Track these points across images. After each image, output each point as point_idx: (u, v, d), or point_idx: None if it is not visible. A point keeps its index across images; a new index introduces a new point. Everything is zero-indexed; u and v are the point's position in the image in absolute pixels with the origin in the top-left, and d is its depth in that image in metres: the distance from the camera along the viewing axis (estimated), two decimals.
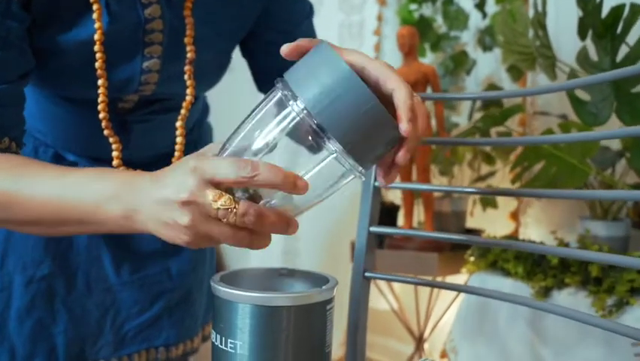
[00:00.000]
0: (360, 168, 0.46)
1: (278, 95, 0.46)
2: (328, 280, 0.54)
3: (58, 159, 0.71)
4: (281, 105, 0.46)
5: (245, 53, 0.78)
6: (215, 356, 0.51)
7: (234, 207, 0.44)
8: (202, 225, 0.45)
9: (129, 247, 0.75)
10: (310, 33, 0.77)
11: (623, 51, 0.94)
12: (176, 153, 0.69)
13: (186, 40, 0.64)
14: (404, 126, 0.42)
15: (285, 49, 0.47)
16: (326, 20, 2.42)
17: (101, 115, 0.63)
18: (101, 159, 0.73)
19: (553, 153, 1.00)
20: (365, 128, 0.43)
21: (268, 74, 0.76)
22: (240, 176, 0.42)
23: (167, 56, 0.65)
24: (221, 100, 1.14)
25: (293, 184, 0.43)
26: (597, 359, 0.98)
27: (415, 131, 0.43)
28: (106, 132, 0.65)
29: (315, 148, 0.45)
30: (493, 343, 1.13)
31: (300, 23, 0.76)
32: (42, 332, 0.67)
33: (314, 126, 0.43)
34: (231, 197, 0.44)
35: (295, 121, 0.45)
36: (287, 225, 0.46)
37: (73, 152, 0.72)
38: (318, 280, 0.56)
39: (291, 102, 0.44)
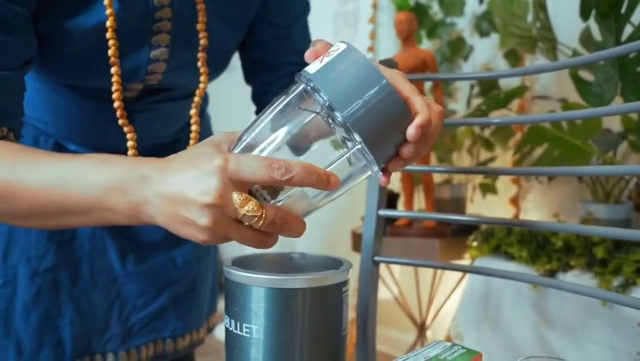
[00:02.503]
0: (377, 166, 0.45)
1: (300, 87, 0.44)
2: (342, 263, 0.53)
3: (60, 149, 0.69)
4: (304, 99, 0.44)
5: (239, 45, 0.78)
6: (230, 342, 0.50)
7: (262, 215, 0.41)
8: (223, 228, 0.42)
9: (133, 238, 0.74)
10: (305, 30, 0.77)
11: (627, 31, 0.93)
12: (191, 142, 0.68)
13: (199, 26, 0.63)
14: (414, 127, 0.42)
15: (308, 54, 0.46)
16: (321, 9, 2.40)
17: (116, 104, 0.61)
18: (105, 149, 0.71)
19: (556, 134, 1.00)
20: (385, 123, 0.42)
21: (260, 66, 0.76)
22: (274, 178, 0.40)
23: (175, 44, 0.63)
24: (217, 97, 1.13)
25: (327, 182, 0.41)
26: (603, 341, 0.98)
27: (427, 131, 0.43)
28: (121, 122, 0.63)
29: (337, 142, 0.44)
30: (499, 328, 1.13)
31: (297, 20, 0.76)
32: (48, 325, 0.66)
33: (340, 119, 0.42)
34: (258, 202, 0.41)
35: (320, 114, 0.43)
36: (303, 228, 0.45)
37: (76, 142, 0.70)
38: (330, 263, 0.55)
39: (317, 96, 0.43)
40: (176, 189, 0.42)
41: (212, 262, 0.85)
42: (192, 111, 0.67)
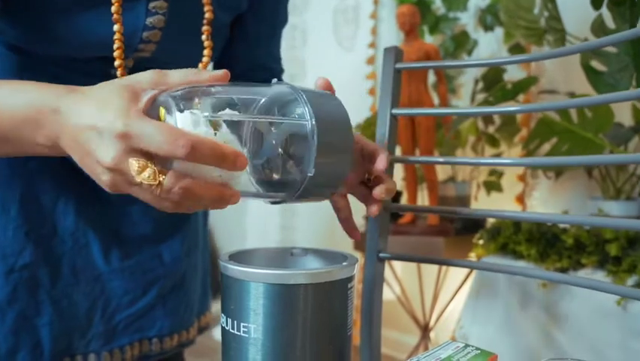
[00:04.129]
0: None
1: (287, 90, 0.46)
2: (346, 258, 0.49)
3: None
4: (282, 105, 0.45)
5: None
6: (227, 342, 0.46)
7: (159, 183, 0.40)
8: (124, 189, 0.42)
9: (118, 232, 0.70)
10: (279, 41, 0.79)
11: None
12: None
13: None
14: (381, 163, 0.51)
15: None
16: (320, 6, 2.37)
17: (117, 62, 0.58)
18: None
19: (566, 127, 0.96)
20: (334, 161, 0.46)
21: (236, 62, 0.73)
22: (176, 155, 0.39)
23: (172, 13, 0.60)
24: None
25: (233, 162, 0.41)
26: (615, 342, 0.94)
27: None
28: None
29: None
30: (506, 329, 1.09)
31: (281, 26, 0.77)
32: (25, 325, 0.62)
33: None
34: (156, 170, 0.40)
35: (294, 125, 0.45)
36: (219, 198, 0.42)
37: None
38: (335, 258, 0.51)
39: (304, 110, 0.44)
40: (79, 136, 0.42)
41: (202, 257, 0.81)
42: None
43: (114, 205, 0.69)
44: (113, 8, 0.56)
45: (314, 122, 0.44)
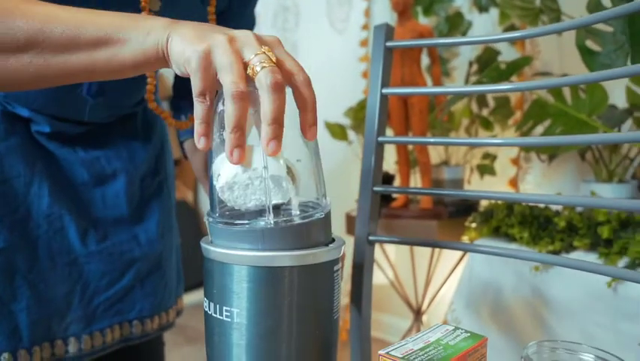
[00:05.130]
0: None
1: None
2: (334, 240, 0.48)
3: (7, 116, 0.63)
4: None
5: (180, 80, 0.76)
6: (210, 327, 0.44)
7: (272, 62, 0.41)
8: (238, 43, 0.41)
9: (93, 216, 0.69)
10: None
11: None
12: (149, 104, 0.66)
13: None
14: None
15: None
16: None
17: None
18: (66, 119, 0.66)
19: (560, 109, 0.94)
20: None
21: None
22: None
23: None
24: None
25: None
26: (606, 324, 0.94)
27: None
28: None
29: None
30: (498, 312, 1.09)
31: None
32: (2, 311, 0.60)
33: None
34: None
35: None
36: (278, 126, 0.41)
37: (30, 106, 0.64)
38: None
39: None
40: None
41: (175, 240, 0.81)
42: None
43: (88, 188, 0.68)
44: None
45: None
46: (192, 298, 2.72)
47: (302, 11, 2.37)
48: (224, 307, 0.42)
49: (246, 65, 0.41)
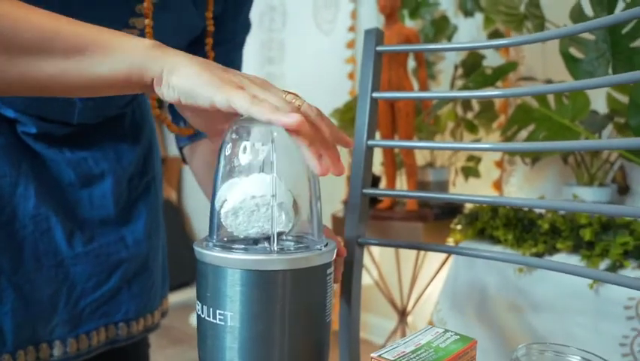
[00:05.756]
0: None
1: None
2: (326, 243, 0.48)
3: None
4: None
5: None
6: (202, 330, 0.44)
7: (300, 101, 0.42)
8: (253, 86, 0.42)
9: (80, 217, 0.68)
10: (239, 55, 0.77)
11: (620, 7, 0.90)
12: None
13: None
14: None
15: None
16: None
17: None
18: (53, 120, 0.65)
19: (544, 114, 0.96)
20: None
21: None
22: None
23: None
24: None
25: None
26: (589, 325, 0.96)
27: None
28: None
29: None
30: (483, 313, 1.11)
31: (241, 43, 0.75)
32: None
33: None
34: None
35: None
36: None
37: (16, 108, 0.63)
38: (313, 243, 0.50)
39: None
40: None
41: (162, 240, 0.81)
42: None
43: (75, 189, 0.68)
44: None
45: None
46: (176, 298, 2.71)
47: (289, 11, 2.37)
48: (218, 311, 0.42)
49: None
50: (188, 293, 2.76)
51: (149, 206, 0.76)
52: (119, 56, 0.41)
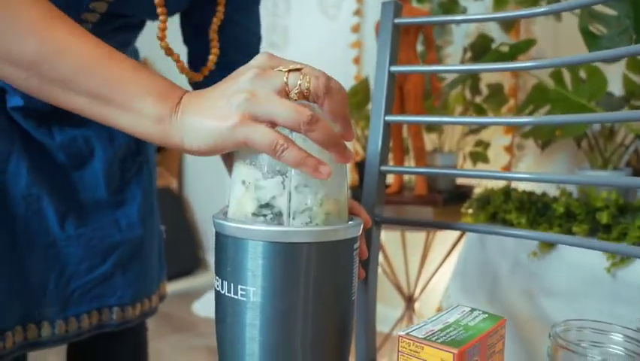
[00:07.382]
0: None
1: None
2: (352, 218, 0.46)
3: None
4: None
5: (191, 32, 0.71)
6: (222, 307, 0.42)
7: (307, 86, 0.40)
8: (260, 95, 0.40)
9: (73, 199, 0.66)
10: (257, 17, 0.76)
11: None
12: None
13: None
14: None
15: None
16: None
17: None
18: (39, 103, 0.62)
19: (560, 94, 0.93)
20: None
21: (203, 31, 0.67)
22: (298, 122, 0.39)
23: None
24: None
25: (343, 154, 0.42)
26: (604, 310, 0.94)
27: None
28: None
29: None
30: (494, 297, 1.09)
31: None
32: None
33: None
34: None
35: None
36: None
37: (19, 93, 0.60)
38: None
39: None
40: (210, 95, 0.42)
41: (156, 225, 0.79)
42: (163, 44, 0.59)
43: (67, 170, 0.66)
44: None
45: None
46: (179, 286, 2.69)
47: None
48: (240, 286, 0.40)
49: (287, 93, 0.40)
50: (191, 281, 2.74)
51: (142, 188, 0.74)
52: (138, 118, 0.42)
